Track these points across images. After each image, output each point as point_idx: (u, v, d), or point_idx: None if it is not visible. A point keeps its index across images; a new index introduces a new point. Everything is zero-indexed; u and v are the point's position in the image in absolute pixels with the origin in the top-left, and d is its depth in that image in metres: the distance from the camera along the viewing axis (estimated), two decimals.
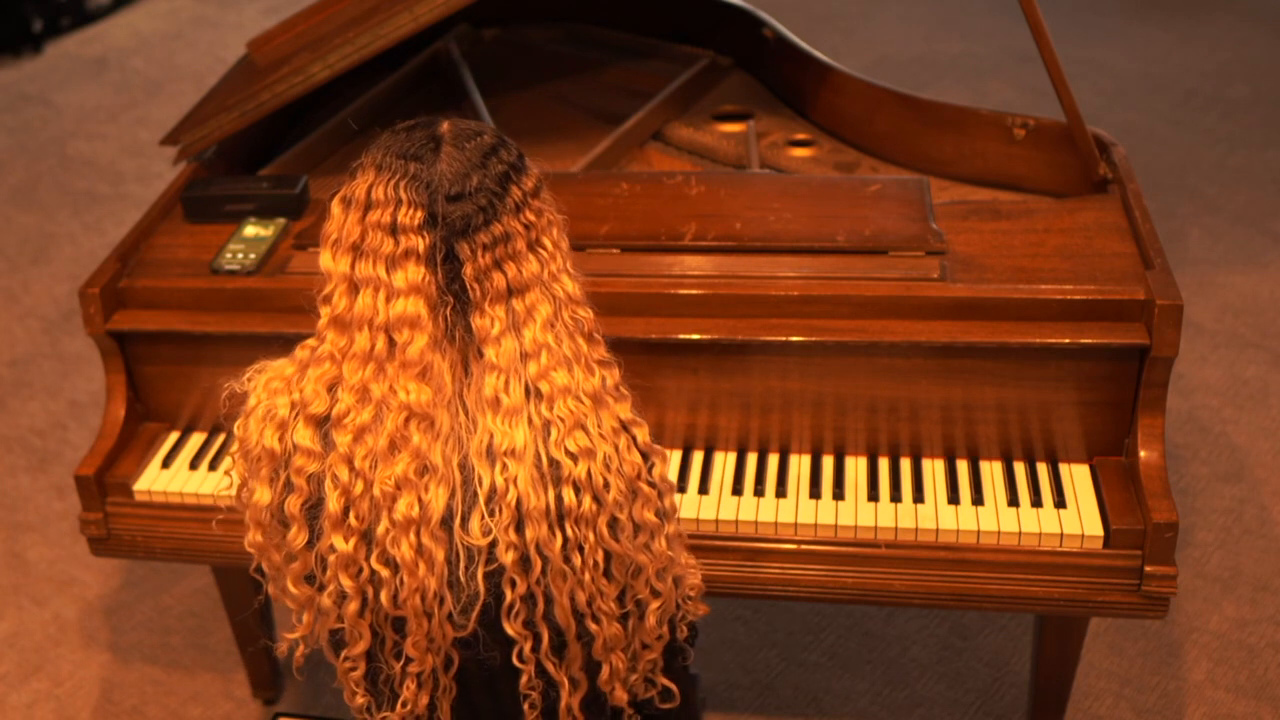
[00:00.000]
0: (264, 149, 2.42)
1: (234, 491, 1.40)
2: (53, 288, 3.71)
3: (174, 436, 2.02)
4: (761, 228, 1.89)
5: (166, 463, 1.97)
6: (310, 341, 1.34)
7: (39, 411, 3.20)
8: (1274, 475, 2.73)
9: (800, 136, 2.33)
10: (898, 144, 2.24)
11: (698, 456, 1.88)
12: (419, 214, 1.24)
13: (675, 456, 1.88)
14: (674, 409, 1.87)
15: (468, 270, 1.26)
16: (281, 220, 2.05)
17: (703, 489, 1.83)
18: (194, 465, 1.96)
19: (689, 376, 1.84)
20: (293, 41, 2.22)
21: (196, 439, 2.01)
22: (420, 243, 1.25)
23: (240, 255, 1.97)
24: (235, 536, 1.41)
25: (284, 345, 1.39)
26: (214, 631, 2.53)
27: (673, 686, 1.44)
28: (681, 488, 1.83)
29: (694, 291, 1.82)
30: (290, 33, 2.25)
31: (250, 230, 2.03)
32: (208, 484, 1.93)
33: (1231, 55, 4.50)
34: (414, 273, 1.25)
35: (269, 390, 1.33)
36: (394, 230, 1.25)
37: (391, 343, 1.27)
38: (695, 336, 1.80)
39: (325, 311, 1.31)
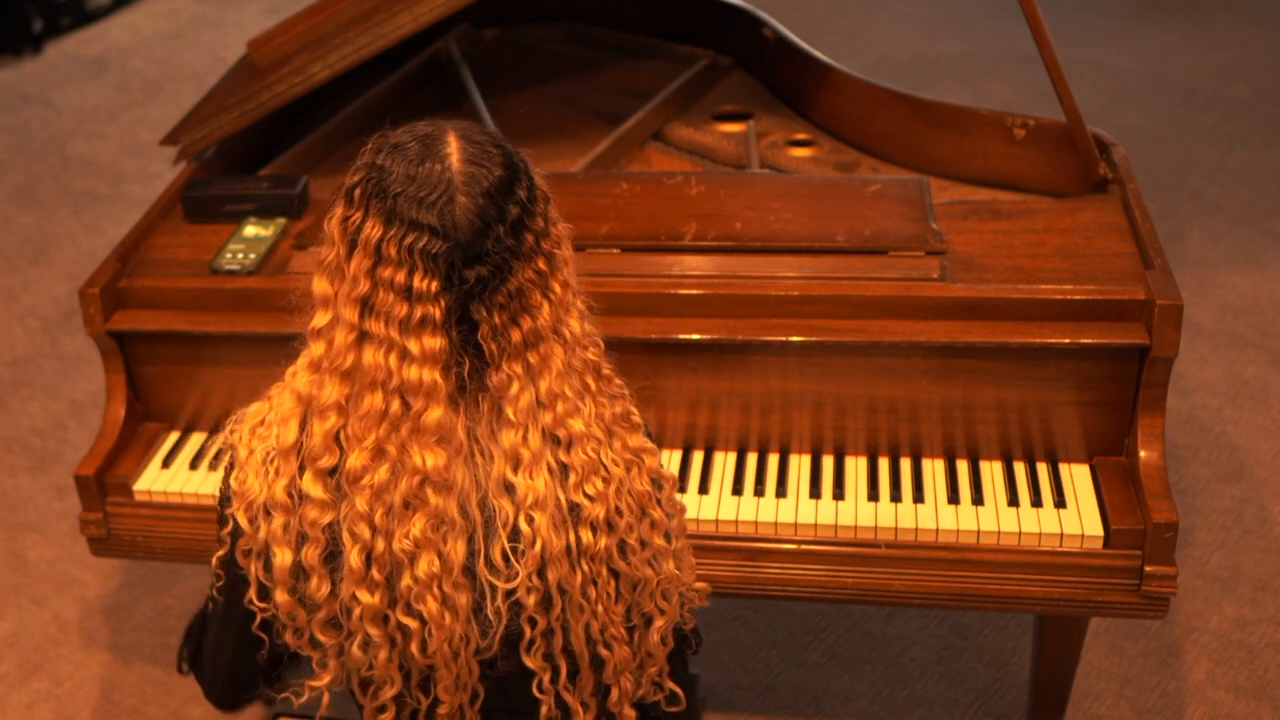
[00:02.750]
0: (264, 149, 2.42)
1: (221, 533, 1.36)
2: (53, 288, 3.71)
3: (174, 436, 2.02)
4: (761, 228, 1.89)
5: (166, 463, 1.97)
6: (298, 383, 1.28)
7: (39, 411, 3.20)
8: (1274, 475, 2.73)
9: (800, 136, 2.33)
10: (898, 144, 2.24)
11: (698, 456, 1.88)
12: (435, 282, 1.19)
13: (675, 456, 1.88)
14: (674, 409, 1.87)
15: (484, 330, 1.23)
16: (281, 220, 2.05)
17: (703, 489, 1.83)
18: (194, 465, 1.96)
19: (689, 376, 1.84)
20: (293, 41, 2.22)
21: (196, 439, 2.01)
22: (436, 311, 1.20)
23: (240, 255, 1.97)
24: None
25: (283, 345, 1.38)
26: None
27: (679, 691, 1.44)
28: (681, 488, 1.83)
29: (694, 291, 1.82)
30: (290, 33, 2.25)
31: (250, 230, 2.03)
32: (208, 484, 1.93)
33: (1231, 55, 4.50)
34: (430, 341, 1.20)
35: (258, 437, 1.30)
36: (409, 296, 1.19)
37: (406, 405, 1.23)
38: (695, 336, 1.80)
39: (319, 349, 1.26)
